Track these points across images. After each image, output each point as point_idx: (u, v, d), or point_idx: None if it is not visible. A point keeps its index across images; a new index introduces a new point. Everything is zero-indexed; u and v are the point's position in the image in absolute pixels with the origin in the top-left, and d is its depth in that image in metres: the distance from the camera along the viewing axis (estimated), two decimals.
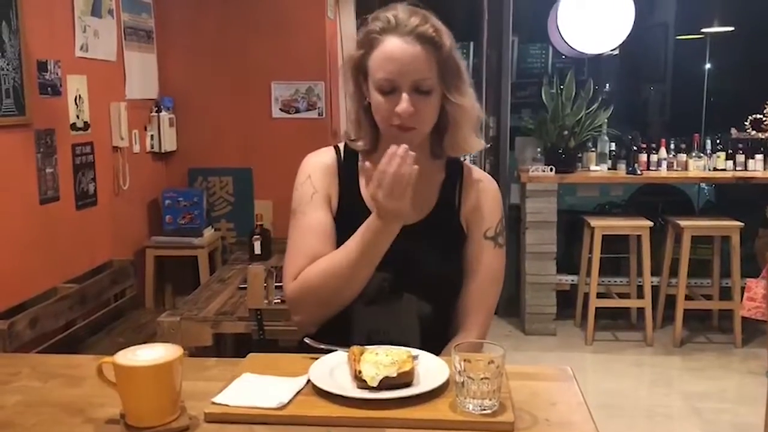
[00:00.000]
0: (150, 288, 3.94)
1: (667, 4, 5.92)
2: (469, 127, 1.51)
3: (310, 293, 1.44)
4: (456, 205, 1.56)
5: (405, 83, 1.41)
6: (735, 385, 3.87)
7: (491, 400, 1.12)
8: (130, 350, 1.11)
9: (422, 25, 1.41)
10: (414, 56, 1.40)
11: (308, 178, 1.55)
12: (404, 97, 1.40)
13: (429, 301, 1.49)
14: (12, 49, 2.76)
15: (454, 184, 1.57)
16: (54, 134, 3.08)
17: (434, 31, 1.42)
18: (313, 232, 1.49)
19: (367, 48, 1.45)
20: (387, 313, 1.48)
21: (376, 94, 1.44)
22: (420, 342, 1.43)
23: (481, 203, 1.57)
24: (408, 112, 1.40)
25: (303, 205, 1.52)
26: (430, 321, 1.49)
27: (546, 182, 4.45)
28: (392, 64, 1.40)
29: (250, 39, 4.16)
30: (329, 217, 1.52)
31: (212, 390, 1.18)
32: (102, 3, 3.48)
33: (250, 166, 4.24)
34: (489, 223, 1.56)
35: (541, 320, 4.56)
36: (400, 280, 1.47)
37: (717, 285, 4.54)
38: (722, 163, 4.55)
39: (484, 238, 1.55)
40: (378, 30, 1.43)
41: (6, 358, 1.78)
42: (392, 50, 1.41)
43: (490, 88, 4.85)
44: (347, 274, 1.41)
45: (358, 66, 1.48)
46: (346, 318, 1.47)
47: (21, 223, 2.87)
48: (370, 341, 1.43)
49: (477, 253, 1.55)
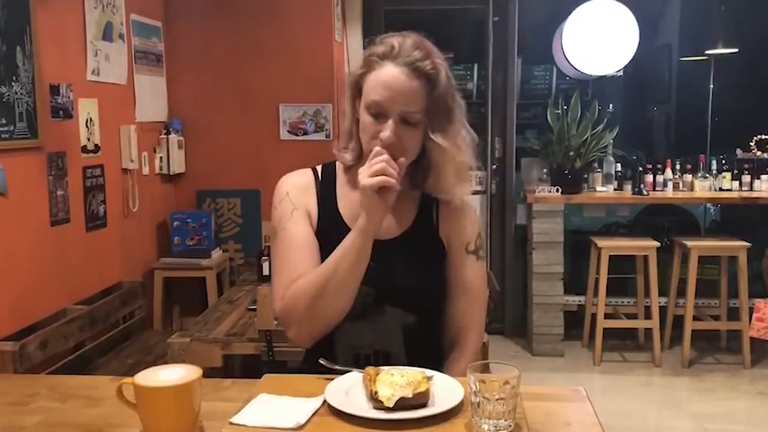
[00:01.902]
0: (158, 309, 3.96)
1: (671, 26, 5.97)
2: (451, 172, 1.52)
3: (299, 309, 1.45)
4: (434, 221, 1.59)
5: (393, 111, 1.43)
6: (744, 406, 3.85)
7: (506, 420, 1.13)
8: (150, 371, 1.12)
9: (422, 60, 1.43)
10: (407, 88, 1.43)
11: (286, 195, 1.58)
12: (389, 125, 1.42)
13: (412, 312, 1.51)
14: (26, 74, 2.80)
15: (432, 200, 1.59)
16: (65, 157, 3.11)
17: (432, 68, 1.44)
18: (296, 247, 1.52)
19: (365, 68, 1.48)
20: (372, 327, 1.49)
21: (365, 113, 1.46)
22: (405, 353, 1.47)
23: (460, 218, 1.59)
24: (390, 140, 1.42)
25: (284, 221, 1.55)
26: (415, 332, 1.51)
27: (552, 203, 4.46)
28: (385, 91, 1.43)
29: (258, 62, 4.21)
30: (311, 232, 1.54)
31: (229, 410, 1.19)
32: (113, 27, 3.53)
33: (258, 187, 4.27)
34: (468, 237, 1.59)
35: (549, 341, 4.56)
36: (383, 294, 1.49)
37: (725, 305, 4.53)
38: (728, 184, 4.57)
39: (466, 252, 1.58)
40: (379, 54, 1.46)
41: (23, 379, 1.80)
42: (387, 77, 1.44)
43: (496, 109, 4.89)
44: (332, 288, 1.42)
45: (355, 83, 1.51)
46: (330, 334, 1.49)
47: (32, 244, 2.89)
48: (356, 355, 1.46)
49: (460, 268, 1.57)
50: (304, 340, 1.51)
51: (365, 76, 1.48)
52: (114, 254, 3.58)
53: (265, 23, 4.19)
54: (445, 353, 1.58)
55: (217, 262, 4.05)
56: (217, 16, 4.23)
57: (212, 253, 4.06)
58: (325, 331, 1.48)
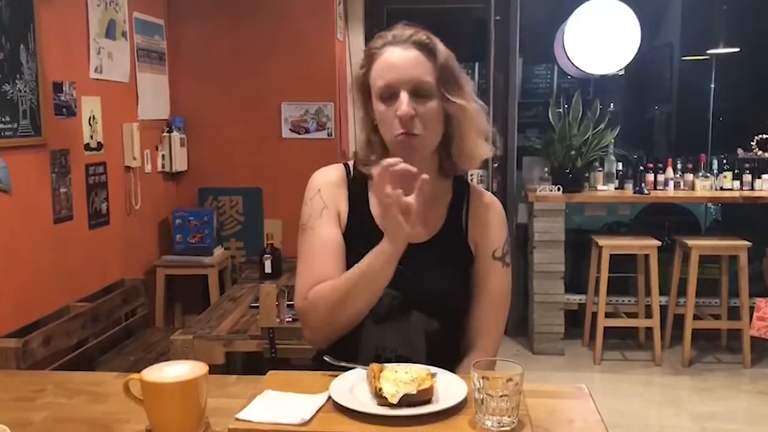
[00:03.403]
0: (160, 307, 3.96)
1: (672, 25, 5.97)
2: (476, 133, 1.53)
3: (318, 314, 1.46)
4: (463, 225, 1.58)
5: (403, 86, 1.44)
6: (744, 405, 3.86)
7: (510, 417, 1.14)
8: (157, 367, 1.13)
9: (416, 33, 1.48)
10: (411, 60, 1.45)
11: (318, 192, 1.56)
12: (402, 98, 1.43)
13: (436, 318, 1.51)
14: (29, 72, 2.81)
15: (461, 204, 1.60)
16: (68, 154, 3.12)
17: (428, 38, 1.48)
18: (323, 249, 1.51)
19: (367, 64, 1.50)
20: (395, 331, 1.50)
21: (379, 104, 1.47)
22: (426, 358, 1.46)
23: (488, 223, 1.59)
24: (408, 113, 1.42)
25: (313, 220, 1.54)
26: (437, 338, 1.51)
27: (553, 202, 4.47)
28: (390, 71, 1.45)
29: (261, 60, 4.22)
30: (339, 234, 1.53)
31: (235, 407, 1.20)
32: (116, 25, 3.54)
33: (260, 185, 4.28)
34: (496, 244, 1.58)
35: (549, 339, 4.57)
36: (409, 297, 1.49)
37: (725, 304, 4.54)
38: (729, 183, 4.57)
39: (492, 259, 1.57)
40: (377, 46, 1.49)
41: (29, 375, 1.80)
42: (390, 58, 1.46)
43: (497, 108, 4.89)
44: (352, 299, 1.42)
45: (362, 84, 1.52)
46: (355, 334, 1.49)
47: (35, 242, 2.90)
48: (378, 357, 1.46)
49: (485, 274, 1.56)
50: (319, 342, 1.52)
51: (369, 72, 1.49)
52: (116, 252, 3.59)
53: (268, 22, 4.20)
54: (461, 356, 1.57)
55: (219, 259, 4.06)
56: (219, 15, 4.24)
57: (214, 250, 4.07)
58: (340, 335, 1.48)
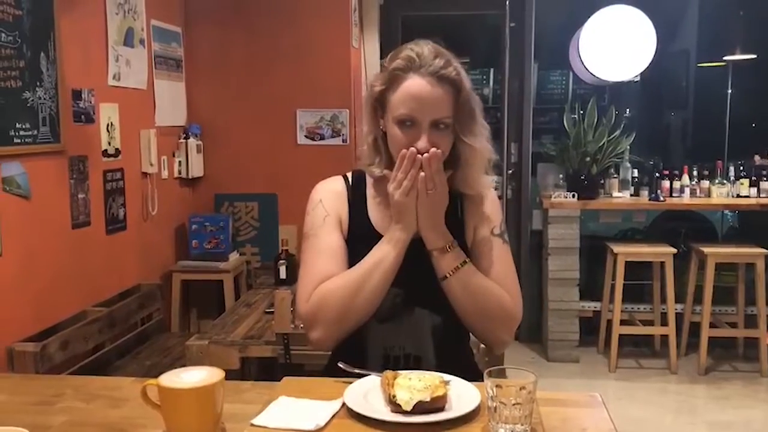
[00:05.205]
0: (176, 311, 3.99)
1: (688, 32, 5.94)
2: (479, 167, 1.58)
3: (328, 312, 1.48)
4: (461, 218, 1.62)
5: (425, 121, 1.48)
6: (761, 414, 3.82)
7: (523, 425, 1.15)
8: (174, 373, 1.15)
9: (446, 68, 1.49)
10: (436, 97, 1.48)
11: (320, 202, 1.62)
12: (424, 137, 1.48)
13: (440, 312, 1.54)
14: (49, 79, 2.85)
15: (457, 196, 1.62)
16: (86, 161, 3.16)
17: (456, 75, 1.50)
18: (325, 254, 1.55)
19: (389, 84, 1.52)
20: (401, 328, 1.52)
21: (395, 127, 1.51)
22: (434, 353, 1.51)
23: (483, 209, 1.64)
24: (427, 149, 1.47)
25: (315, 228, 1.59)
26: (443, 331, 1.54)
27: (568, 208, 4.46)
28: (415, 103, 1.48)
29: (276, 67, 4.25)
30: (341, 240, 1.58)
31: (250, 412, 1.21)
32: (134, 33, 3.58)
33: (276, 191, 4.31)
34: (494, 222, 1.63)
35: (564, 347, 4.55)
36: (412, 295, 1.52)
37: (742, 312, 4.50)
38: (745, 190, 4.54)
39: (492, 235, 1.62)
40: (402, 68, 1.50)
41: (47, 379, 1.83)
42: (416, 89, 1.48)
43: (512, 114, 4.89)
44: (365, 293, 1.47)
45: (378, 99, 1.55)
46: (362, 335, 1.52)
47: (54, 247, 2.94)
48: (387, 356, 1.49)
49: (488, 248, 1.61)
50: (328, 343, 1.53)
51: (389, 92, 1.52)
52: (133, 257, 3.62)
53: (283, 29, 4.23)
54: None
55: (234, 265, 4.08)
56: (235, 22, 4.27)
57: (230, 256, 4.10)
58: (348, 333, 1.51)
